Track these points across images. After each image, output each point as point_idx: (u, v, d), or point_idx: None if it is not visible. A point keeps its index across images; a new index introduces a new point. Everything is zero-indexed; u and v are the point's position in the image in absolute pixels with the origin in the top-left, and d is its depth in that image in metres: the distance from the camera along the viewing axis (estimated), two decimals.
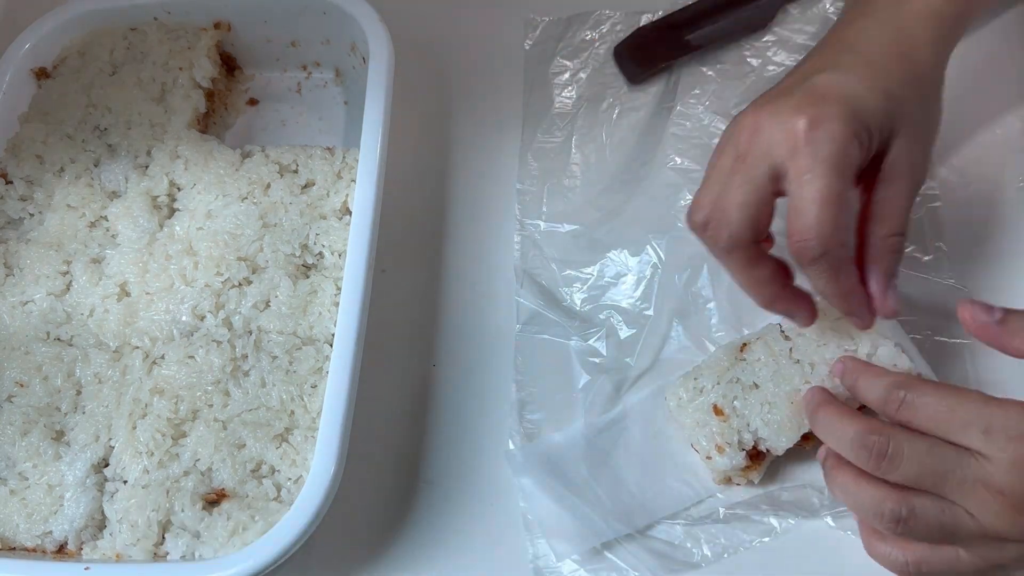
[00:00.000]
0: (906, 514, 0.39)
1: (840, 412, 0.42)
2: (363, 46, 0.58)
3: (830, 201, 0.39)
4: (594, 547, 0.48)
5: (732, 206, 0.41)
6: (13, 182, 0.58)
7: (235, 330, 0.52)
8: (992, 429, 0.38)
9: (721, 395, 0.48)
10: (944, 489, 0.39)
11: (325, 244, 0.54)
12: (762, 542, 0.48)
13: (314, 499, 0.44)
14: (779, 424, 0.46)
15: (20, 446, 0.49)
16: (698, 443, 0.48)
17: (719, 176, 0.43)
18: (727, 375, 0.48)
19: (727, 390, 0.48)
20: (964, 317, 0.41)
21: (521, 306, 0.55)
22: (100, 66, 0.61)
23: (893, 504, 0.39)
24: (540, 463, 0.51)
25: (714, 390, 0.48)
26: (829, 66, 0.43)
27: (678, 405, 0.49)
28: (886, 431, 0.40)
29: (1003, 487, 0.38)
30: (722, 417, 0.47)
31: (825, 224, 0.39)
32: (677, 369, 0.52)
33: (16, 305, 0.54)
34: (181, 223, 0.56)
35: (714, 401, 0.48)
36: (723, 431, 0.47)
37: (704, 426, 0.48)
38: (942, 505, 0.39)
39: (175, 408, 0.49)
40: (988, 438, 0.38)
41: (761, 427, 0.47)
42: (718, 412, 0.47)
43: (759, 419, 0.47)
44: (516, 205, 0.59)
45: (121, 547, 0.47)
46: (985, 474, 0.38)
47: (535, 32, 0.65)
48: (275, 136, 0.64)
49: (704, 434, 0.48)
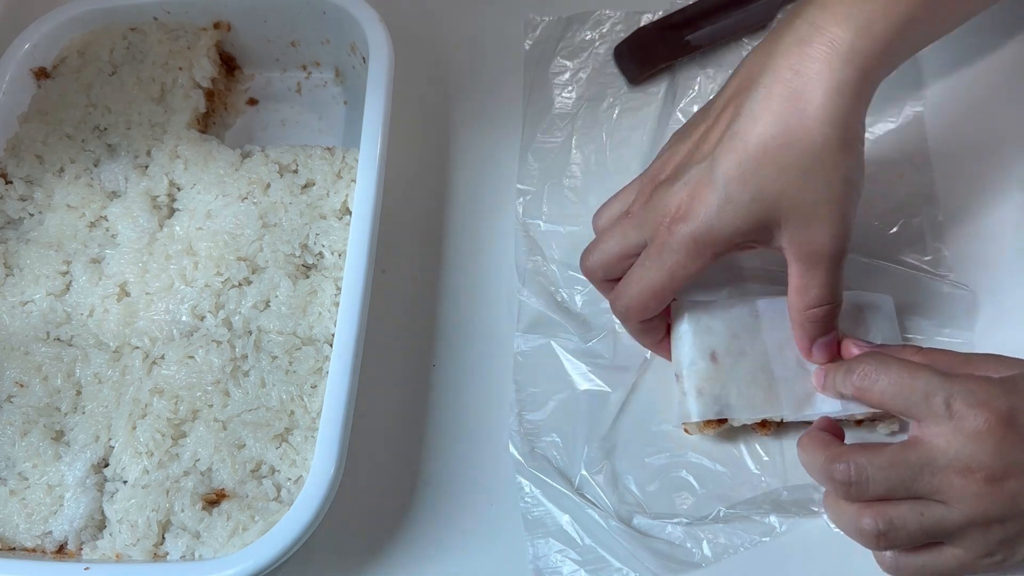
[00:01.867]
0: (884, 528, 0.40)
1: (812, 442, 0.44)
2: (363, 46, 0.58)
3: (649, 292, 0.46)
4: (594, 547, 0.48)
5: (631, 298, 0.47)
6: (13, 182, 0.58)
7: (235, 330, 0.52)
8: (952, 400, 0.39)
9: (724, 344, 0.48)
10: (918, 491, 0.39)
11: (325, 244, 0.54)
12: (762, 542, 0.48)
13: (314, 499, 0.44)
14: (749, 403, 0.47)
15: (20, 446, 0.49)
16: (682, 377, 0.48)
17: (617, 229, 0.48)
18: (735, 327, 0.48)
19: (729, 342, 0.48)
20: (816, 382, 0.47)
21: (522, 307, 0.55)
22: (100, 66, 0.61)
23: (870, 521, 0.40)
24: (540, 463, 0.51)
25: (719, 334, 0.48)
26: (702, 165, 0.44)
27: (682, 333, 0.49)
28: (846, 456, 0.41)
29: (971, 463, 0.38)
30: (715, 364, 0.48)
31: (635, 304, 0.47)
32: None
33: (16, 305, 0.54)
34: (181, 223, 0.56)
35: (715, 347, 0.48)
36: (711, 377, 0.47)
37: (695, 363, 0.48)
38: (920, 508, 0.40)
39: (175, 408, 0.49)
40: (949, 409, 0.39)
41: (734, 397, 0.47)
42: (714, 358, 0.48)
43: (735, 388, 0.47)
44: (516, 205, 0.59)
45: (121, 547, 0.47)
46: (951, 457, 0.39)
47: (535, 32, 0.65)
48: (275, 136, 0.64)
49: (693, 371, 0.48)
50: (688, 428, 0.49)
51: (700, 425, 0.48)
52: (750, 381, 0.47)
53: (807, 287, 0.44)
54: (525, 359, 0.54)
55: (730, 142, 0.42)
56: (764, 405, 0.47)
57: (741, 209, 0.42)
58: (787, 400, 0.47)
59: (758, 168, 0.42)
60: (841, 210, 0.42)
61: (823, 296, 0.44)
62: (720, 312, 0.49)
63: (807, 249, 0.43)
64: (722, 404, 0.47)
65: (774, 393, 0.47)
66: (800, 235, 0.43)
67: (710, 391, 0.47)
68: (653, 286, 0.46)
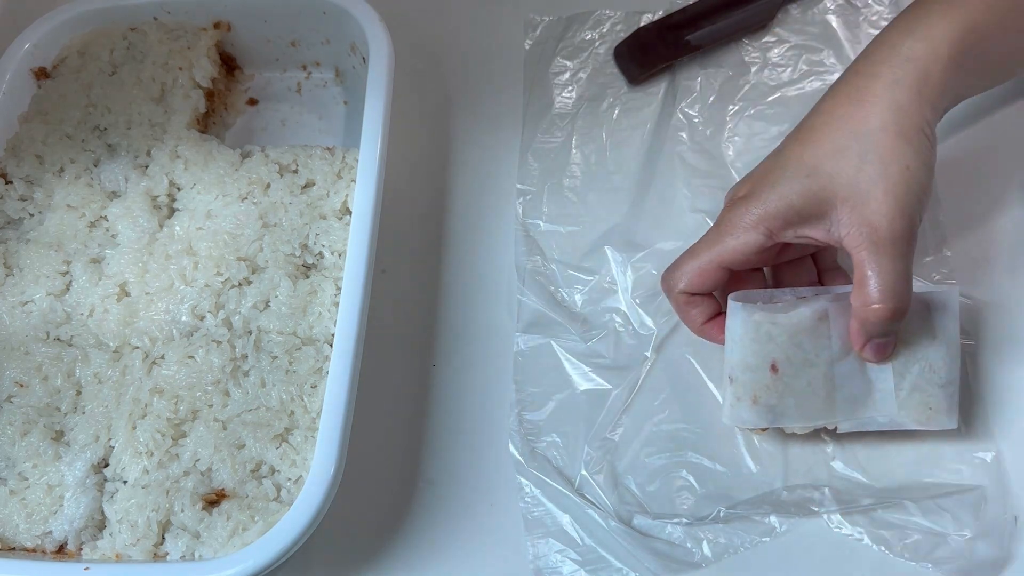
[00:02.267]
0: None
1: None
2: (363, 46, 0.58)
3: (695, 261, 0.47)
4: (594, 547, 0.48)
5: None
6: (13, 182, 0.58)
7: (235, 330, 0.52)
8: None
9: (785, 354, 0.46)
10: None
11: (325, 244, 0.54)
12: (762, 542, 0.48)
13: (314, 499, 0.44)
14: (805, 413, 0.46)
15: (20, 446, 0.49)
16: (737, 381, 0.46)
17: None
18: (799, 336, 0.46)
19: (792, 351, 0.46)
20: None
21: (522, 306, 0.55)
22: (100, 66, 0.61)
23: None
24: (540, 463, 0.51)
25: (781, 344, 0.46)
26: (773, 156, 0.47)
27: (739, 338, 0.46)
28: None
29: None
30: (775, 374, 0.46)
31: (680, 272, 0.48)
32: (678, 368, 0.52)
33: (16, 305, 0.54)
34: (181, 223, 0.56)
35: (776, 357, 0.46)
36: (768, 388, 0.46)
37: (752, 371, 0.46)
38: None
39: (175, 408, 0.49)
40: None
41: (792, 408, 0.46)
42: (774, 368, 0.46)
43: (793, 399, 0.46)
44: (516, 205, 0.59)
45: (121, 547, 0.47)
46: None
47: (535, 32, 0.65)
48: (275, 136, 0.64)
49: (750, 379, 0.46)
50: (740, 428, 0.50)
51: (751, 430, 0.49)
52: (810, 393, 0.46)
53: (866, 279, 0.43)
54: (525, 359, 0.54)
55: (796, 132, 0.46)
56: (820, 413, 0.46)
57: (796, 184, 0.44)
58: (843, 407, 0.46)
59: (817, 149, 0.44)
60: (898, 194, 0.42)
61: (882, 290, 0.43)
62: (784, 319, 0.46)
63: (864, 231, 0.42)
64: (776, 413, 0.46)
65: (831, 401, 0.46)
66: (856, 216, 0.43)
67: (766, 401, 0.46)
68: (700, 254, 0.46)
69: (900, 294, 0.43)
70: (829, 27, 0.63)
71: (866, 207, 0.42)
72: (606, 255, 0.56)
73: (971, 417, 0.50)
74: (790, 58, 0.62)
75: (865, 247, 0.43)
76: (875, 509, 0.47)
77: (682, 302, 0.49)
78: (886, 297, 0.43)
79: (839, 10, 0.64)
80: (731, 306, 0.47)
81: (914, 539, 0.47)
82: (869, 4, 0.63)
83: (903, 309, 0.43)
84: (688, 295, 0.48)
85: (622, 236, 0.57)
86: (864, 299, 0.43)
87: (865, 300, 0.43)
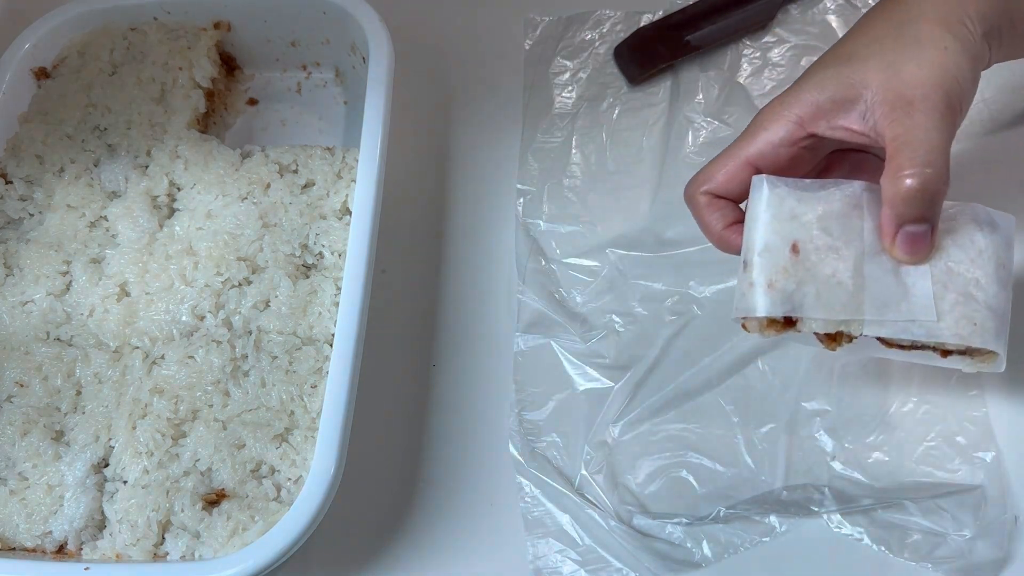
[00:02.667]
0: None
1: None
2: (363, 46, 0.58)
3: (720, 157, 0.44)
4: (594, 547, 0.48)
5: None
6: (13, 182, 0.58)
7: (235, 330, 0.52)
8: None
9: (809, 235, 0.40)
10: None
11: (325, 244, 0.54)
12: (762, 542, 0.48)
13: (314, 499, 0.44)
14: (827, 304, 0.40)
15: (20, 446, 0.49)
16: (751, 265, 0.40)
17: None
18: (829, 219, 0.40)
19: (817, 235, 0.40)
20: None
21: (522, 306, 0.55)
22: (100, 66, 0.61)
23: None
24: (540, 463, 0.51)
25: (806, 224, 0.40)
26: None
27: (759, 214, 0.41)
28: None
29: None
30: (795, 256, 0.40)
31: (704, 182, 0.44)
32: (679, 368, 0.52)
33: (16, 305, 0.54)
34: (181, 223, 0.56)
35: (798, 237, 0.40)
36: (787, 271, 0.40)
37: (771, 252, 0.40)
38: None
39: (175, 408, 0.49)
40: None
41: (811, 297, 0.40)
42: (795, 250, 0.40)
43: (815, 287, 0.40)
44: (516, 205, 0.59)
45: (121, 547, 0.47)
46: None
47: (535, 32, 0.65)
48: (275, 136, 0.64)
49: (767, 259, 0.40)
50: (747, 325, 0.41)
51: (762, 323, 0.41)
52: (835, 284, 0.40)
53: (896, 152, 0.39)
54: (525, 359, 0.54)
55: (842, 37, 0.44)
56: (844, 308, 0.40)
57: (831, 70, 0.41)
58: (872, 306, 0.40)
59: (855, 40, 0.42)
60: (933, 69, 0.39)
61: (913, 159, 0.38)
62: (812, 199, 0.41)
63: (898, 104, 0.39)
64: (794, 303, 0.40)
65: (858, 297, 0.40)
66: (890, 91, 0.39)
67: (783, 286, 0.40)
68: (727, 153, 0.43)
69: (935, 165, 0.38)
70: (829, 27, 0.63)
71: (899, 80, 0.39)
72: (606, 255, 0.56)
73: (971, 417, 0.50)
74: (790, 58, 0.62)
75: (897, 118, 0.39)
76: (875, 509, 0.47)
77: (703, 204, 0.44)
78: (917, 168, 0.38)
79: (839, 10, 0.64)
80: (755, 181, 0.42)
81: (914, 539, 0.47)
82: (869, 4, 0.63)
83: (937, 186, 0.39)
84: (711, 196, 0.44)
85: (624, 236, 0.57)
86: (893, 171, 0.39)
87: (895, 172, 0.39)
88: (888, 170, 0.39)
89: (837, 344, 0.41)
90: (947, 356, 0.41)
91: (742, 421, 0.51)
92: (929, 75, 0.39)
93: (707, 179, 0.44)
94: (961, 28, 0.40)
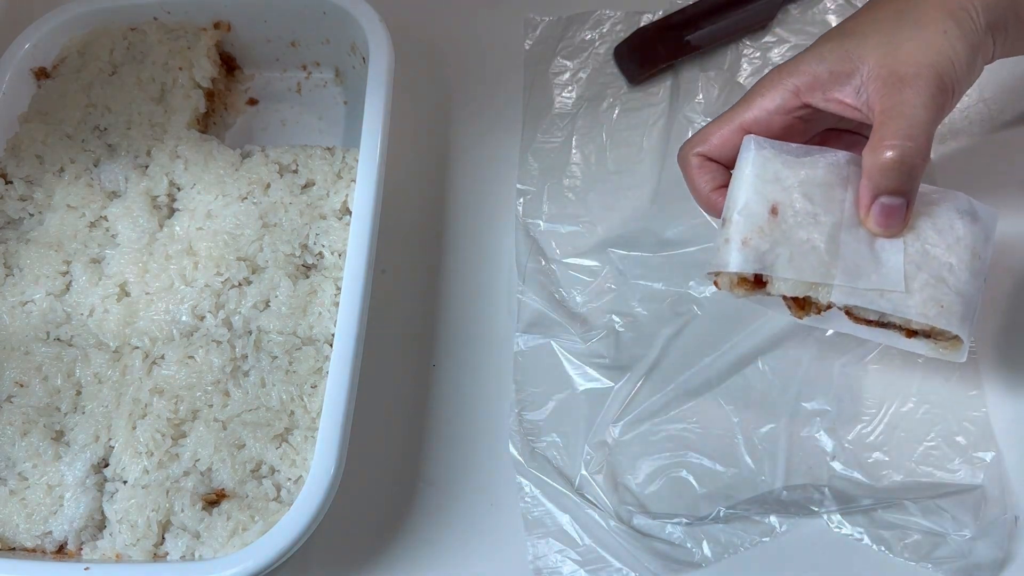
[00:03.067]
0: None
1: None
2: (363, 46, 0.58)
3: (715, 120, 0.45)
4: (594, 547, 0.48)
5: None
6: (13, 182, 0.58)
7: (235, 330, 0.52)
8: None
9: (789, 199, 0.41)
10: None
11: (325, 244, 0.54)
12: (762, 542, 0.48)
13: (314, 499, 0.44)
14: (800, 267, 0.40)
15: (20, 446, 0.49)
16: (729, 222, 0.41)
17: None
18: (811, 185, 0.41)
19: (798, 200, 0.41)
20: None
21: (522, 306, 0.55)
22: (100, 66, 0.61)
23: None
24: (540, 463, 0.51)
25: (788, 188, 0.41)
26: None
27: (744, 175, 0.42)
28: None
29: None
30: (773, 218, 0.41)
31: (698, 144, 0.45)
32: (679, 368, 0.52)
33: (16, 305, 0.54)
34: (181, 223, 0.56)
35: (779, 200, 0.41)
36: (762, 231, 0.40)
37: (750, 212, 0.41)
38: None
39: (175, 408, 0.49)
40: None
41: (784, 259, 0.41)
42: (774, 211, 0.41)
43: (788, 249, 0.41)
44: (516, 205, 0.59)
45: (121, 547, 0.47)
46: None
47: (535, 32, 0.65)
48: (275, 136, 0.64)
49: (745, 217, 0.41)
50: (719, 282, 0.42)
51: (733, 281, 0.42)
52: (809, 249, 0.40)
53: (880, 125, 0.40)
54: (525, 359, 0.54)
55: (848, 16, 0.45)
56: (814, 271, 0.40)
57: (830, 43, 0.43)
58: (842, 273, 0.41)
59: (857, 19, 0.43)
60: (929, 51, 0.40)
61: (895, 132, 0.39)
62: (797, 163, 0.41)
63: (889, 80, 0.40)
64: (766, 263, 0.40)
65: (831, 265, 0.41)
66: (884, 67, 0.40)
67: (756, 244, 0.40)
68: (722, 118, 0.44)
69: (916, 140, 0.39)
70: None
71: (895, 57, 0.40)
72: (607, 255, 0.56)
73: (971, 417, 0.50)
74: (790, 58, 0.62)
75: (887, 92, 0.40)
76: (875, 509, 0.47)
77: (695, 165, 0.45)
78: (898, 140, 0.39)
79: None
80: (744, 141, 0.43)
81: (914, 539, 0.47)
82: None
83: (915, 160, 0.40)
84: (703, 158, 0.45)
85: (623, 236, 0.57)
86: (875, 143, 0.40)
87: (876, 143, 0.40)
88: (871, 142, 0.40)
89: (805, 313, 0.42)
90: (911, 337, 0.42)
91: (742, 421, 0.51)
92: (925, 55, 0.40)
93: (701, 141, 0.45)
94: (963, 15, 0.41)
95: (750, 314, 0.53)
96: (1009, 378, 0.51)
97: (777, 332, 0.53)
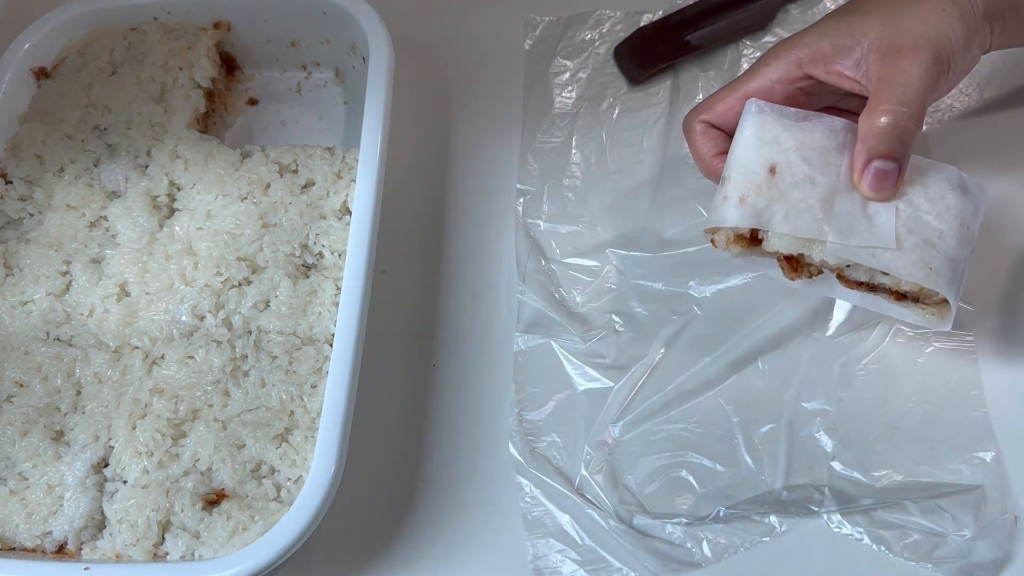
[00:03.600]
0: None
1: None
2: (363, 46, 0.58)
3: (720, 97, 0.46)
4: (594, 547, 0.48)
5: None
6: (13, 182, 0.58)
7: (235, 330, 0.52)
8: None
9: (787, 160, 0.42)
10: None
11: (325, 244, 0.54)
12: (762, 542, 0.48)
13: (314, 499, 0.44)
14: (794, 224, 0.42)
15: (20, 446, 0.49)
16: (729, 180, 0.43)
17: None
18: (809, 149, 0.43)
19: (795, 161, 0.42)
20: None
21: (521, 306, 0.55)
22: (100, 66, 0.61)
23: None
24: (540, 463, 0.51)
25: (786, 150, 0.43)
26: None
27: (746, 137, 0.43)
28: None
29: None
30: (771, 177, 0.42)
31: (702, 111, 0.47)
32: (679, 368, 0.52)
33: (16, 305, 0.54)
34: (181, 223, 0.56)
35: (777, 160, 0.42)
36: (759, 189, 0.42)
37: (749, 170, 0.42)
38: None
39: (175, 408, 0.49)
40: None
41: (779, 216, 0.42)
42: (772, 172, 0.42)
43: (783, 207, 0.42)
44: (516, 205, 0.59)
45: (121, 547, 0.47)
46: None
47: (535, 32, 0.65)
48: (275, 136, 0.64)
49: (744, 176, 0.42)
50: (716, 239, 0.44)
51: (729, 238, 0.43)
52: (804, 208, 0.42)
53: (876, 92, 0.42)
54: (525, 359, 0.54)
55: None
56: (808, 227, 0.42)
57: (834, 19, 0.45)
58: (836, 231, 0.42)
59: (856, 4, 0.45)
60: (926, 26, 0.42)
61: (890, 98, 0.41)
62: (796, 127, 0.43)
63: (888, 52, 0.42)
64: (762, 219, 0.42)
65: (825, 224, 0.42)
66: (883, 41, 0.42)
67: (753, 202, 0.42)
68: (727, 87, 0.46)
69: (910, 106, 0.41)
70: None
71: (894, 31, 0.42)
72: (606, 255, 0.56)
73: (971, 417, 0.50)
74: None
75: (885, 63, 0.42)
76: (875, 509, 0.47)
77: (699, 132, 0.47)
78: (893, 106, 0.41)
79: None
80: (747, 105, 0.44)
81: (914, 539, 0.47)
82: None
83: (908, 125, 0.41)
84: (707, 125, 0.47)
85: (623, 236, 0.57)
86: (871, 108, 0.42)
87: (872, 109, 0.42)
88: (867, 108, 0.42)
89: (798, 275, 0.44)
90: (900, 300, 0.43)
91: (742, 421, 0.51)
92: (922, 29, 0.42)
93: (706, 108, 0.47)
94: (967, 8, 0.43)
95: (750, 314, 0.53)
96: (1009, 378, 0.51)
97: (777, 332, 0.53)
